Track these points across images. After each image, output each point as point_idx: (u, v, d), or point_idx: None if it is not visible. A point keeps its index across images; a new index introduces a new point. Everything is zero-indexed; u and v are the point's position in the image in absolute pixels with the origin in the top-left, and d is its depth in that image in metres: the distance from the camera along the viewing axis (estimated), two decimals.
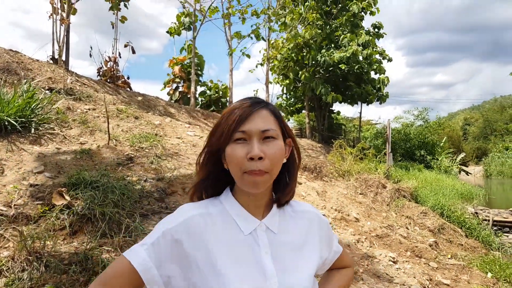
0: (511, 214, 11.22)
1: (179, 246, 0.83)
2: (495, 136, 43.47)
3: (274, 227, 0.91)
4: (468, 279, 5.17)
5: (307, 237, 0.96)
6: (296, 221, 0.97)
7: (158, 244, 0.83)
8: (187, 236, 0.83)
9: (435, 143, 21.01)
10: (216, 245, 0.84)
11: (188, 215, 0.86)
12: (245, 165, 0.84)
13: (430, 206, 8.42)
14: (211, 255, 0.82)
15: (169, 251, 0.82)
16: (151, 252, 0.82)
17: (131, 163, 4.52)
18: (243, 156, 0.84)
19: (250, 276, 0.82)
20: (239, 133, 0.85)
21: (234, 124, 0.86)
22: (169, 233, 0.83)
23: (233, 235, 0.86)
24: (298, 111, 22.71)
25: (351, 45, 15.71)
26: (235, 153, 0.85)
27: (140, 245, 0.84)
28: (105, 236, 3.16)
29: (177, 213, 0.88)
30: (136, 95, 9.10)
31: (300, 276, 0.88)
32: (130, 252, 0.84)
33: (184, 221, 0.85)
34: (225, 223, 0.87)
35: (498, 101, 51.88)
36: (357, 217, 6.32)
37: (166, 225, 0.85)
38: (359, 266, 4.24)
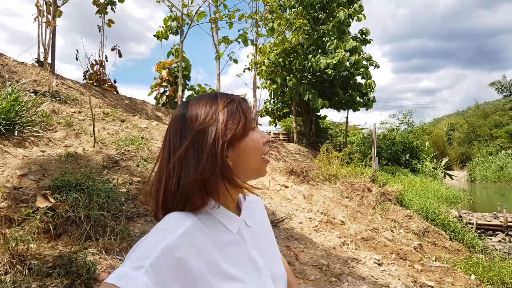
0: (494, 218, 11.44)
1: (182, 263, 0.73)
2: (479, 142, 44.30)
3: (248, 221, 0.91)
4: (452, 281, 5.26)
5: (265, 223, 0.99)
6: (255, 211, 0.98)
7: (158, 265, 0.70)
8: (189, 249, 0.74)
9: (419, 147, 21.35)
10: (216, 252, 0.79)
11: (184, 226, 0.77)
12: (264, 149, 0.87)
13: (415, 209, 8.55)
14: (216, 262, 0.77)
15: (172, 270, 0.71)
16: (152, 276, 0.68)
17: (116, 166, 4.49)
18: (261, 140, 0.87)
19: (250, 274, 0.82)
20: (254, 122, 0.88)
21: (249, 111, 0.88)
22: (169, 251, 0.72)
23: (225, 237, 0.84)
24: (285, 115, 22.84)
25: (338, 52, 15.90)
26: (259, 140, 0.86)
27: (133, 269, 0.68)
28: (90, 238, 3.14)
29: (170, 225, 0.77)
30: (122, 98, 9.05)
31: (279, 263, 0.91)
32: (124, 279, 0.67)
33: (183, 233, 0.75)
34: (214, 227, 0.83)
35: (481, 108, 53.07)
36: (343, 220, 6.37)
37: (163, 240, 0.73)
38: (344, 267, 4.28)
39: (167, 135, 0.87)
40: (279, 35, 15.74)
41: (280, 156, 12.93)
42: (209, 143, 0.81)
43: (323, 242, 5.08)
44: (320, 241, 5.09)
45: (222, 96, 0.88)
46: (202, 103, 0.86)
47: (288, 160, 12.69)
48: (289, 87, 17.61)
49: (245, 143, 0.84)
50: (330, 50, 16.30)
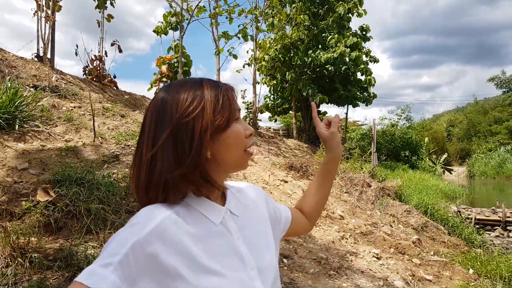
0: (493, 213, 11.49)
1: (153, 259, 0.70)
2: (479, 138, 44.38)
3: (235, 210, 0.87)
4: (450, 275, 5.29)
5: (257, 211, 0.95)
6: (244, 199, 0.94)
7: (127, 261, 0.68)
8: (161, 244, 0.71)
9: (418, 143, 21.38)
10: (193, 244, 0.75)
11: (157, 220, 0.73)
12: (246, 142, 0.84)
13: (414, 204, 8.58)
14: (192, 256, 0.74)
15: (142, 266, 0.69)
16: (120, 273, 0.67)
17: (116, 161, 4.50)
18: (243, 133, 0.83)
19: (233, 266, 0.78)
20: (237, 112, 0.84)
21: (235, 103, 0.83)
22: (140, 246, 0.69)
23: (206, 229, 0.79)
24: (285, 111, 22.84)
25: (338, 46, 15.88)
26: (241, 131, 0.83)
27: (102, 266, 0.67)
28: (90, 232, 3.16)
29: (142, 218, 0.74)
30: (122, 94, 9.05)
31: (270, 254, 0.88)
32: (92, 277, 0.66)
33: (155, 228, 0.72)
34: (194, 219, 0.79)
35: (480, 104, 53.06)
36: (342, 214, 6.40)
37: (133, 236, 0.70)
38: (343, 261, 4.31)
39: (145, 121, 0.80)
40: (279, 31, 15.71)
41: (279, 151, 12.95)
42: (192, 135, 0.76)
43: (322, 236, 5.11)
44: (319, 236, 5.11)
45: (207, 82, 0.82)
46: (185, 89, 0.80)
47: (287, 156, 12.71)
48: (289, 82, 17.59)
49: (227, 134, 0.80)
50: (330, 45, 16.28)
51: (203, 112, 0.77)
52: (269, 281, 0.83)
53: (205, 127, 0.76)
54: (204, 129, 0.76)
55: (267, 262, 0.85)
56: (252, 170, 7.25)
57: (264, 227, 0.93)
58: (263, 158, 9.66)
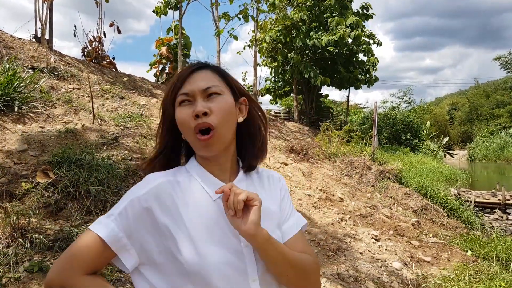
0: (492, 196, 11.53)
1: (149, 214, 0.80)
2: (481, 121, 44.20)
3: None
4: (449, 257, 5.34)
5: (274, 200, 0.96)
6: (262, 185, 0.97)
7: (126, 213, 0.80)
8: (157, 202, 0.81)
9: (420, 126, 21.32)
10: (186, 211, 0.82)
11: (156, 182, 0.84)
12: (192, 124, 0.84)
13: (414, 187, 8.60)
14: (182, 221, 0.81)
15: (139, 219, 0.80)
16: (119, 222, 0.80)
17: (116, 143, 4.50)
18: (189, 115, 0.84)
19: (222, 239, 0.82)
20: (181, 96, 0.87)
21: (174, 88, 0.89)
22: (137, 201, 0.80)
23: (203, 201, 0.85)
24: (286, 94, 22.68)
25: (339, 28, 15.64)
26: (181, 114, 0.86)
27: (106, 217, 0.82)
28: (90, 213, 3.18)
29: (144, 181, 0.85)
30: (121, 75, 8.97)
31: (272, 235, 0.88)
32: (96, 224, 0.81)
33: (153, 188, 0.82)
34: (193, 190, 0.86)
35: (481, 87, 52.59)
36: (341, 197, 6.43)
37: (133, 194, 0.82)
38: (341, 243, 4.34)
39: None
40: (280, 11, 15.45)
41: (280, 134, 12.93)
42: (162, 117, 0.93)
43: (321, 218, 5.14)
44: (319, 217, 5.14)
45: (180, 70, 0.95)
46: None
47: (288, 139, 12.69)
48: (290, 64, 17.41)
49: (176, 118, 0.89)
50: (331, 27, 16.03)
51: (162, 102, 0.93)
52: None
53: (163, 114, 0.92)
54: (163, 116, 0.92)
55: None
56: None
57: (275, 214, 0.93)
58: None
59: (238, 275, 0.80)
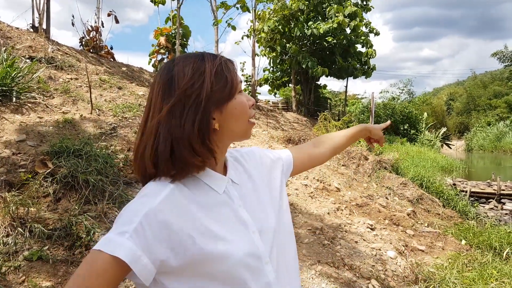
0: (488, 186, 11.63)
1: (166, 225, 0.75)
2: (478, 112, 44.26)
3: (235, 179, 0.93)
4: (443, 246, 5.42)
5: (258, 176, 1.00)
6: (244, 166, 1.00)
7: (142, 229, 0.73)
8: (172, 212, 0.77)
9: (418, 117, 21.38)
10: (201, 212, 0.81)
11: (166, 191, 0.79)
12: (250, 113, 0.89)
13: (410, 177, 8.67)
14: (201, 222, 0.80)
15: (156, 233, 0.74)
16: (136, 240, 0.72)
17: (114, 133, 4.52)
18: (247, 103, 0.88)
19: (237, 231, 0.84)
20: (240, 84, 0.88)
21: (236, 75, 0.87)
22: (153, 215, 0.75)
23: (210, 197, 0.85)
24: (284, 84, 22.65)
25: (337, 16, 15.56)
26: (245, 103, 0.87)
27: (118, 235, 0.72)
28: (89, 203, 3.22)
29: (151, 191, 0.79)
30: (119, 65, 8.96)
31: (269, 218, 0.93)
32: (110, 244, 0.71)
33: (165, 198, 0.78)
34: (199, 189, 0.85)
35: (478, 78, 52.60)
36: (338, 187, 6.49)
37: (145, 206, 0.76)
38: (337, 232, 4.41)
39: (151, 95, 0.84)
40: (279, 1, 15.35)
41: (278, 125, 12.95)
42: (195, 104, 0.79)
43: (318, 207, 5.20)
44: (315, 207, 5.20)
45: (209, 56, 0.86)
46: (189, 62, 0.83)
47: (286, 129, 12.72)
48: (289, 55, 17.36)
49: (232, 105, 0.84)
50: (330, 16, 15.95)
51: (203, 84, 0.80)
52: (269, 241, 0.89)
53: (207, 98, 0.80)
54: (207, 101, 0.80)
55: (267, 223, 0.91)
56: (249, 143, 7.28)
57: (263, 191, 0.97)
58: (261, 131, 9.68)
59: (256, 261, 0.84)
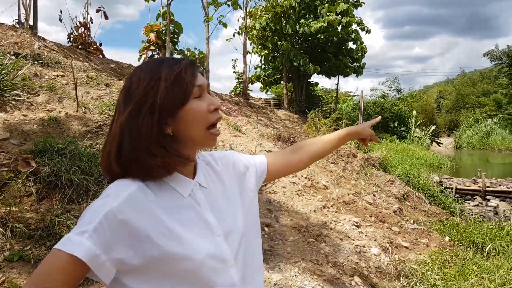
0: (473, 183, 11.80)
1: (126, 225, 0.77)
2: (467, 109, 44.78)
3: (204, 183, 0.94)
4: (427, 242, 5.50)
5: (229, 180, 1.02)
6: (218, 170, 1.02)
7: (101, 228, 0.75)
8: (133, 212, 0.79)
9: (407, 114, 21.58)
10: (163, 214, 0.83)
11: (128, 191, 0.81)
12: (209, 118, 0.87)
13: (397, 174, 8.77)
14: (163, 224, 0.81)
15: (116, 233, 0.76)
16: (95, 239, 0.74)
17: (100, 131, 4.51)
18: (207, 109, 0.87)
19: (202, 234, 0.86)
20: (197, 88, 0.86)
21: (191, 80, 0.86)
22: (112, 214, 0.76)
23: (175, 200, 0.87)
24: (276, 82, 22.65)
25: (328, 15, 15.61)
26: (200, 108, 0.86)
27: (77, 234, 0.74)
28: (73, 202, 3.22)
29: (113, 192, 0.81)
30: (108, 62, 8.89)
31: (237, 221, 0.95)
32: (68, 244, 0.74)
33: (127, 198, 0.79)
34: (164, 192, 0.86)
35: (467, 76, 53.33)
36: (326, 184, 6.54)
37: (106, 205, 0.77)
38: (322, 229, 4.46)
39: (119, 98, 0.88)
40: None
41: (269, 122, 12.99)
42: (150, 110, 0.82)
43: (304, 205, 5.24)
44: (302, 205, 5.25)
45: (167, 61, 0.87)
46: (147, 69, 0.86)
47: (277, 127, 12.75)
48: (281, 52, 17.37)
49: (184, 112, 0.84)
50: (321, 14, 15.99)
51: (158, 91, 0.82)
52: (236, 244, 0.91)
53: (159, 105, 0.82)
54: (160, 107, 0.82)
55: (232, 226, 0.93)
56: (239, 141, 7.31)
57: (233, 195, 1.00)
58: (251, 129, 9.70)
59: (220, 263, 0.86)
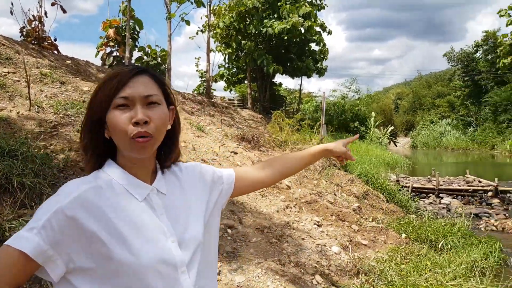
0: (428, 181, 12.39)
1: (75, 223, 0.80)
2: (423, 110, 46.97)
3: (163, 189, 0.95)
4: (385, 239, 5.71)
5: (193, 190, 1.02)
6: (182, 179, 1.02)
7: (50, 225, 0.78)
8: (83, 210, 0.81)
9: (367, 115, 22.32)
10: (114, 215, 0.84)
11: (79, 190, 0.84)
12: (130, 130, 0.85)
13: (357, 174, 9.04)
14: (112, 225, 0.83)
15: (65, 229, 0.79)
16: (44, 235, 0.77)
17: (55, 132, 4.31)
18: (126, 121, 0.85)
19: (153, 238, 0.86)
20: (120, 99, 0.86)
21: (113, 90, 0.86)
22: (61, 211, 0.79)
23: (128, 203, 0.88)
24: (240, 81, 22.68)
25: (291, 16, 15.82)
26: (118, 119, 0.85)
27: (27, 231, 0.78)
28: (25, 207, 3.05)
29: (64, 191, 0.84)
30: (64, 58, 8.51)
31: (194, 229, 0.95)
32: (17, 239, 0.77)
33: (76, 197, 0.82)
34: (117, 194, 0.88)
35: (424, 78, 56.19)
36: (289, 184, 6.63)
37: (56, 204, 0.81)
38: (285, 229, 4.51)
39: None
40: None
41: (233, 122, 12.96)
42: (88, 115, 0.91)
43: (267, 206, 5.28)
44: (265, 205, 5.29)
45: (112, 71, 0.92)
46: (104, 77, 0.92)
47: (241, 127, 12.75)
48: (245, 51, 17.39)
49: (108, 120, 0.88)
50: (284, 15, 16.18)
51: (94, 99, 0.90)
52: (190, 251, 0.91)
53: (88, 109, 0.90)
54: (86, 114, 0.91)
55: (190, 235, 0.93)
56: (202, 142, 7.24)
57: (196, 204, 1.00)
58: (215, 129, 9.64)
59: (170, 269, 0.86)
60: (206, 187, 1.06)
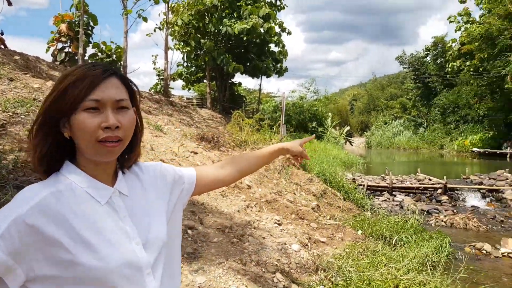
0: (382, 180, 12.94)
1: (35, 231, 0.77)
2: (377, 111, 49.01)
3: (124, 190, 0.94)
4: (342, 236, 5.90)
5: (155, 190, 1.01)
6: (143, 179, 1.01)
7: (8, 234, 0.75)
8: (43, 218, 0.79)
9: (324, 116, 22.92)
10: (77, 220, 0.82)
11: (38, 197, 0.81)
12: (99, 134, 0.83)
13: (315, 173, 9.26)
14: (75, 230, 0.81)
15: (25, 238, 0.76)
16: (3, 247, 0.74)
17: (3, 131, 4.06)
18: (96, 125, 0.83)
19: (117, 241, 0.85)
20: (91, 102, 0.83)
21: (84, 92, 0.83)
22: (21, 220, 0.76)
23: (91, 207, 0.86)
24: (199, 80, 22.45)
25: (251, 17, 15.91)
26: (87, 122, 0.82)
27: None
28: None
29: (23, 197, 0.81)
30: (12, 54, 8.02)
31: (158, 230, 0.94)
32: None
33: (36, 204, 0.79)
34: (78, 198, 0.86)
35: (378, 81, 58.69)
36: (249, 184, 6.67)
37: (15, 211, 0.77)
38: (246, 229, 4.54)
39: None
40: None
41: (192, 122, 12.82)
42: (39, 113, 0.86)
43: (228, 206, 5.29)
44: (226, 205, 5.28)
45: (76, 69, 0.87)
46: (61, 75, 0.88)
47: (200, 126, 12.64)
48: (204, 50, 17.25)
49: (73, 122, 0.84)
50: (244, 16, 16.23)
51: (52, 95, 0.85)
52: (155, 252, 0.91)
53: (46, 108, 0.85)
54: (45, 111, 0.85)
55: (154, 236, 0.93)
56: (160, 142, 7.10)
57: (158, 204, 0.99)
58: (173, 128, 9.49)
59: (135, 271, 0.85)
60: (167, 186, 1.05)
